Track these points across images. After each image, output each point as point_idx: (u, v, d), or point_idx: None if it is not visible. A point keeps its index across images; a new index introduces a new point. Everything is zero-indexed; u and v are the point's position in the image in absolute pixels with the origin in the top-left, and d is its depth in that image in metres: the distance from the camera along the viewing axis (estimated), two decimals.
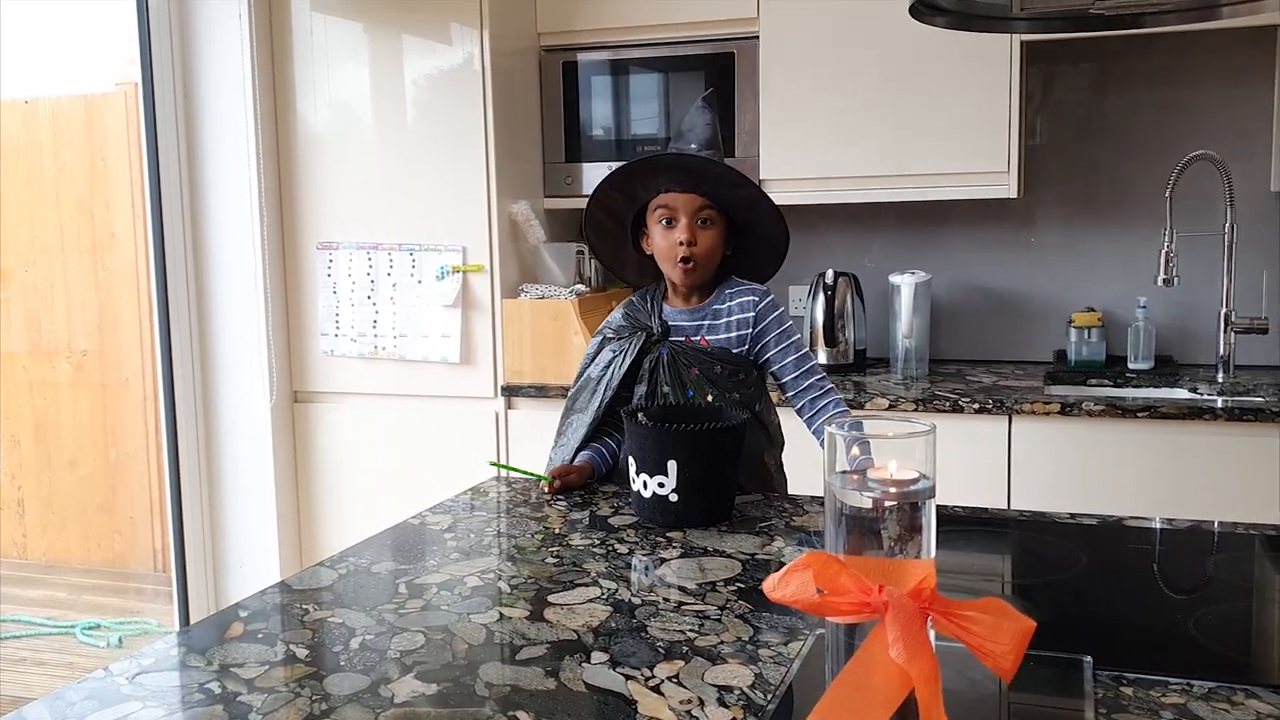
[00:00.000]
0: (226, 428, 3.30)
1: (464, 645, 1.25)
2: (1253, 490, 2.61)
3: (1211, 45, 3.12)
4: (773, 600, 0.91)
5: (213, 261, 3.25)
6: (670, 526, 1.69)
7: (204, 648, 1.26)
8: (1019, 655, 0.88)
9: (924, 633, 0.89)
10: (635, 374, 1.99)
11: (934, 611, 0.90)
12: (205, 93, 3.21)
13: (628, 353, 1.98)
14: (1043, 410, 2.72)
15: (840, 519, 0.93)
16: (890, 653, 0.87)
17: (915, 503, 0.91)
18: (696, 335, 1.97)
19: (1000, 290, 3.38)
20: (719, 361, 1.94)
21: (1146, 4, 1.45)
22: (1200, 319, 3.20)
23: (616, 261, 2.11)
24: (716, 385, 1.92)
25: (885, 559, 0.93)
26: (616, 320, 2.05)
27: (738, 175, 1.91)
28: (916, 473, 0.94)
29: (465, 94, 3.09)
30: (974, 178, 3.01)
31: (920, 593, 0.90)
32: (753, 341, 1.95)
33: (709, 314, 1.98)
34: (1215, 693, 1.11)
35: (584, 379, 2.06)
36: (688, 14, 3.15)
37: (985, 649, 0.88)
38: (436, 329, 3.16)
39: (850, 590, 0.90)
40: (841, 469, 0.94)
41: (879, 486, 0.94)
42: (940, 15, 1.43)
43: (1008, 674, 0.88)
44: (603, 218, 2.03)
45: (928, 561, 0.94)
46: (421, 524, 1.75)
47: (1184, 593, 1.46)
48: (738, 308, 1.96)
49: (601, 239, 2.08)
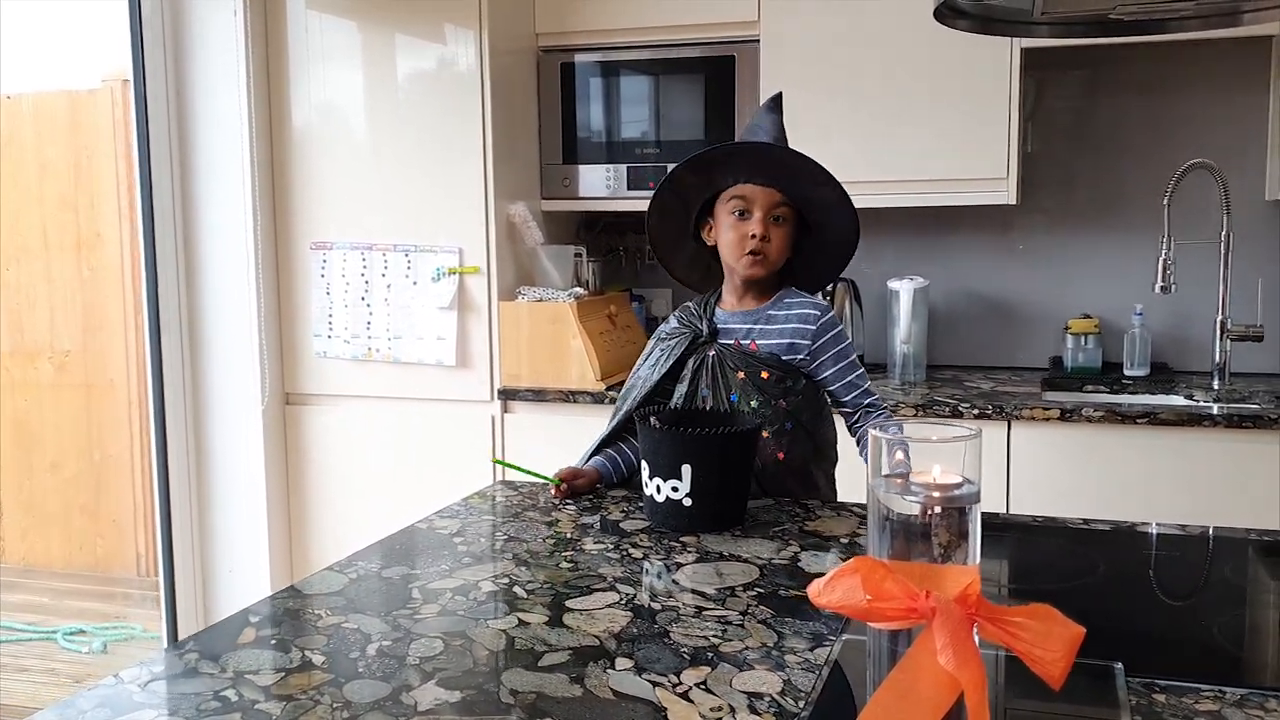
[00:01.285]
0: (217, 430, 3.26)
1: (484, 651, 1.23)
2: (1251, 496, 2.61)
3: (1207, 54, 3.13)
4: (818, 605, 0.89)
5: (204, 261, 3.22)
6: (683, 531, 1.67)
7: (216, 654, 1.23)
8: (1069, 662, 0.87)
9: (971, 639, 0.87)
10: (678, 375, 1.95)
11: (980, 618, 0.88)
12: (198, 90, 3.17)
13: (672, 351, 1.95)
14: (1042, 416, 2.72)
15: (884, 524, 0.92)
16: (939, 659, 0.86)
17: (962, 508, 0.89)
18: (747, 339, 1.92)
19: (997, 296, 3.38)
20: (766, 366, 1.89)
21: (1166, 9, 1.44)
22: (1195, 326, 3.21)
23: (670, 250, 2.05)
24: (762, 391, 1.88)
25: (930, 564, 0.92)
26: (671, 322, 2.02)
27: (824, 173, 1.85)
28: (960, 477, 0.92)
29: (463, 94, 3.06)
30: (973, 184, 3.01)
31: (966, 599, 0.89)
32: (811, 356, 1.90)
33: (763, 318, 1.93)
34: (1248, 699, 1.10)
35: (634, 379, 2.02)
36: (688, 16, 3.13)
37: (1034, 655, 0.87)
38: (432, 331, 3.13)
39: (896, 596, 0.88)
40: (885, 473, 0.92)
41: (923, 491, 0.92)
42: (963, 18, 1.42)
43: (1057, 681, 0.87)
44: (671, 200, 1.96)
45: (973, 568, 0.92)
46: (429, 528, 1.73)
47: (1205, 599, 1.45)
48: (797, 318, 1.91)
49: (664, 222, 2.01)
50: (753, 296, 1.96)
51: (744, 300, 1.96)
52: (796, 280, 1.99)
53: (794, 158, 1.85)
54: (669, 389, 1.96)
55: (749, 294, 1.96)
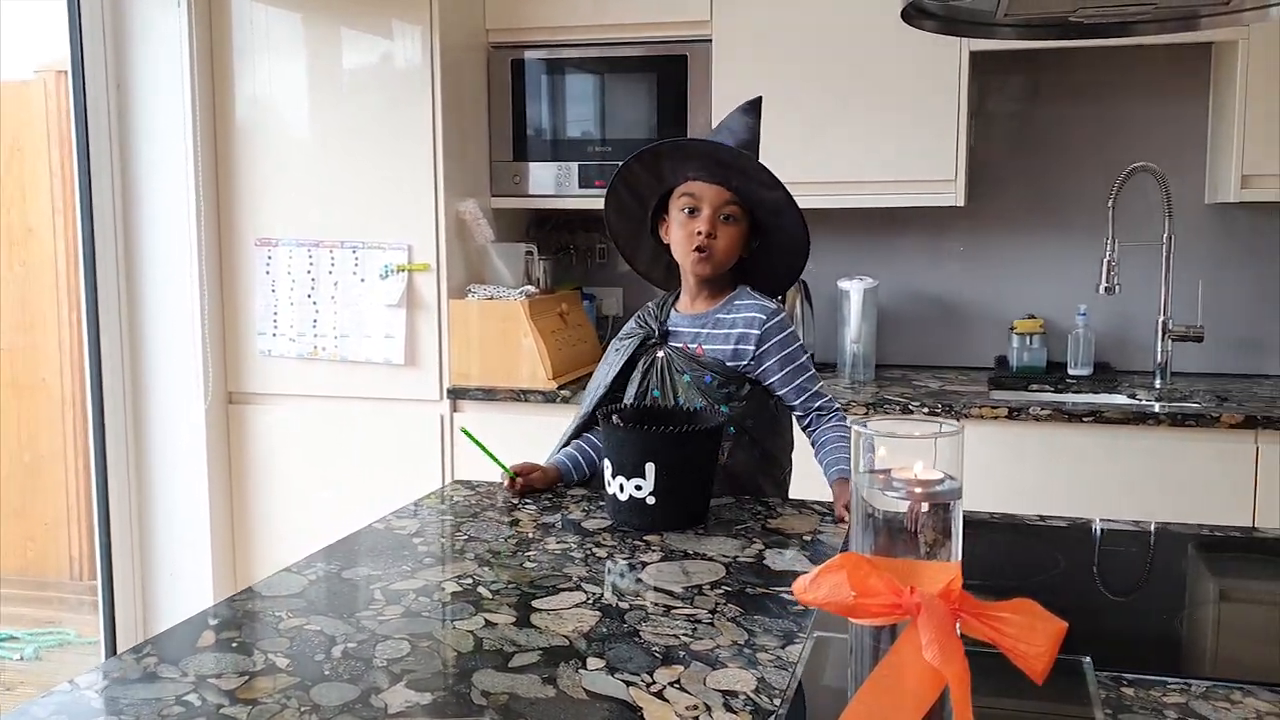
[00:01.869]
0: (157, 430, 3.19)
1: (453, 653, 1.21)
2: (1194, 492, 2.66)
3: (1148, 60, 3.19)
4: (803, 602, 0.89)
5: (145, 257, 3.14)
6: (646, 529, 1.66)
7: (175, 658, 1.20)
8: (1052, 656, 0.87)
9: (956, 634, 0.87)
10: (630, 375, 1.95)
11: (964, 613, 0.88)
12: (139, 82, 3.10)
13: (623, 352, 1.94)
14: (990, 414, 2.75)
15: (868, 520, 0.91)
16: (924, 655, 0.85)
17: (947, 504, 0.90)
18: (694, 343, 1.92)
19: (944, 297, 3.42)
20: (710, 371, 1.89)
21: (1125, 13, 1.46)
22: (1137, 327, 3.27)
23: (631, 245, 2.04)
24: (706, 396, 1.87)
25: (912, 560, 0.91)
26: (630, 323, 2.01)
27: (771, 176, 1.84)
28: (942, 474, 0.92)
29: (412, 90, 3.03)
30: (922, 185, 3.04)
31: (949, 594, 0.89)
32: (755, 361, 1.89)
33: (710, 322, 1.92)
34: (1213, 691, 1.12)
35: (594, 379, 2.02)
36: (640, 15, 3.13)
37: (1018, 650, 0.87)
38: (380, 329, 3.09)
39: (881, 592, 0.88)
40: (869, 469, 0.92)
41: (904, 487, 0.92)
42: (929, 19, 1.43)
43: (1040, 675, 0.87)
44: (625, 195, 1.96)
45: (954, 564, 0.92)
46: (387, 528, 1.70)
47: (1163, 593, 1.47)
48: (743, 321, 1.90)
49: (621, 219, 2.00)
50: (705, 298, 1.95)
51: (697, 302, 1.96)
52: (754, 283, 1.99)
53: (742, 158, 1.85)
54: (620, 395, 1.96)
55: (702, 295, 1.95)
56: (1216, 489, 2.66)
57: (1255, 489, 2.64)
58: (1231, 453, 2.65)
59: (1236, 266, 3.21)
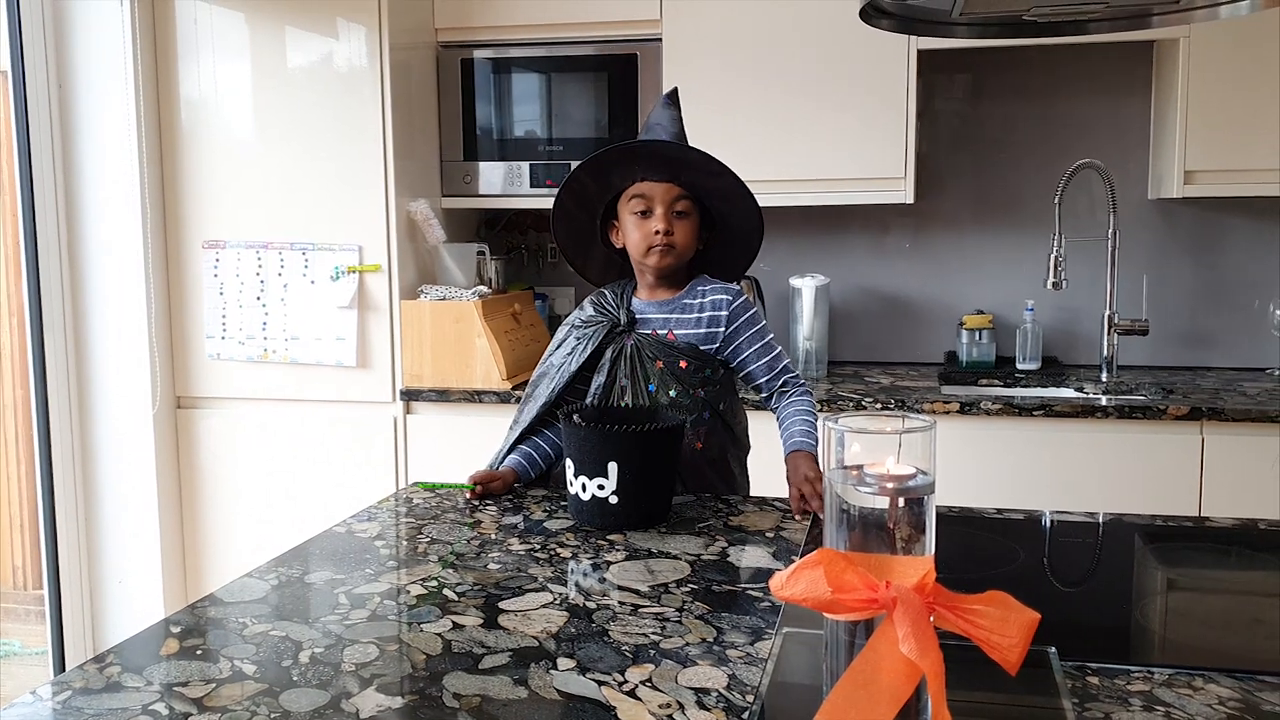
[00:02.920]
0: (104, 435, 3.13)
1: (421, 656, 1.20)
2: (1143, 483, 2.71)
3: (1092, 58, 3.25)
4: (780, 599, 0.89)
5: (89, 260, 3.09)
6: (610, 529, 1.66)
7: (139, 666, 1.18)
8: (1026, 647, 0.88)
9: (930, 628, 0.88)
10: (595, 364, 1.94)
11: (939, 606, 0.89)
12: (82, 83, 3.04)
13: (590, 340, 1.93)
14: (942, 409, 2.79)
15: (842, 516, 0.92)
16: (901, 648, 0.86)
17: (920, 499, 0.90)
18: (664, 329, 1.92)
19: (893, 293, 3.45)
20: (684, 356, 1.89)
21: (1079, 12, 1.49)
22: (1083, 321, 3.32)
23: (580, 254, 2.04)
24: (680, 381, 1.88)
25: (885, 555, 0.92)
26: (586, 310, 2.00)
27: (718, 164, 1.86)
28: (914, 469, 0.93)
29: (361, 90, 3.00)
30: (871, 183, 3.06)
31: (923, 588, 0.90)
32: (725, 341, 1.91)
33: (679, 307, 1.93)
34: (1175, 679, 1.14)
35: (545, 365, 1.99)
36: (590, 14, 3.12)
37: (992, 642, 0.88)
38: (331, 331, 3.06)
39: (857, 587, 0.88)
40: (843, 464, 0.93)
41: (876, 482, 0.93)
42: (885, 18, 1.44)
43: (1014, 666, 0.88)
44: (572, 206, 1.95)
45: (927, 558, 0.93)
46: (348, 531, 1.68)
47: (1122, 583, 1.50)
48: (710, 305, 1.91)
49: (569, 229, 2.00)
50: (666, 288, 1.96)
51: (658, 291, 1.96)
52: (711, 271, 2.00)
53: (686, 151, 1.86)
54: (586, 377, 1.95)
55: (662, 286, 1.96)
56: (1163, 479, 2.71)
57: (1201, 479, 2.70)
58: (1177, 444, 2.70)
59: (1179, 261, 3.28)
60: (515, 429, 1.98)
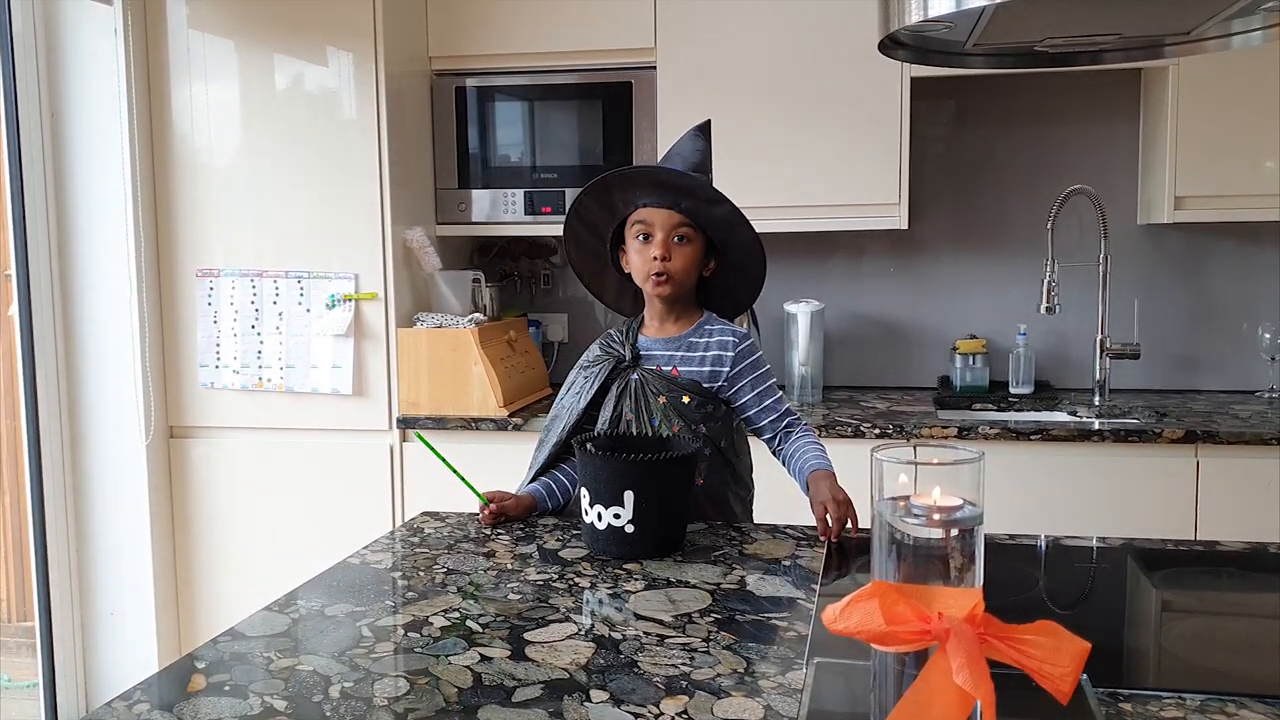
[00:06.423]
0: (96, 465, 3.10)
1: (452, 689, 1.19)
2: (1138, 506, 2.73)
3: (1081, 85, 3.28)
4: (833, 632, 0.89)
5: (82, 288, 3.06)
6: (626, 558, 1.65)
7: (169, 703, 1.16)
8: (1077, 676, 0.88)
9: (983, 658, 0.88)
10: (602, 400, 1.95)
11: (991, 636, 0.90)
12: (75, 111, 3.03)
13: (596, 378, 1.94)
14: (940, 434, 2.80)
15: (892, 548, 0.92)
16: (955, 679, 0.86)
17: (971, 529, 0.91)
18: (669, 365, 1.93)
19: (887, 318, 3.47)
20: (687, 392, 1.90)
21: (1091, 42, 1.51)
22: (1074, 345, 3.35)
23: (596, 279, 2.06)
24: (683, 416, 1.89)
25: (935, 586, 0.92)
26: (593, 350, 2.02)
27: (716, 192, 1.88)
28: (960, 500, 0.94)
29: (357, 118, 3.00)
30: (866, 209, 3.08)
31: (974, 618, 0.90)
32: (728, 382, 1.93)
33: (685, 345, 1.94)
34: (1208, 704, 1.14)
35: (558, 408, 2.01)
36: (585, 42, 3.14)
37: (1044, 672, 0.88)
38: (327, 359, 3.05)
39: (910, 619, 0.89)
40: (891, 495, 0.93)
41: (924, 512, 0.93)
42: (902, 49, 1.46)
43: (1066, 696, 0.89)
44: (582, 231, 1.98)
45: (976, 589, 0.93)
46: (363, 563, 1.67)
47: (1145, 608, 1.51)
48: (716, 345, 1.93)
49: (581, 254, 2.03)
50: (674, 322, 1.97)
51: (665, 327, 1.97)
52: (716, 307, 2.01)
53: (684, 178, 1.88)
54: (594, 415, 1.96)
55: (669, 319, 1.97)
56: (1159, 502, 2.73)
57: (1196, 501, 2.72)
58: (1173, 466, 2.72)
59: (1170, 285, 3.31)
60: (531, 470, 1.99)
